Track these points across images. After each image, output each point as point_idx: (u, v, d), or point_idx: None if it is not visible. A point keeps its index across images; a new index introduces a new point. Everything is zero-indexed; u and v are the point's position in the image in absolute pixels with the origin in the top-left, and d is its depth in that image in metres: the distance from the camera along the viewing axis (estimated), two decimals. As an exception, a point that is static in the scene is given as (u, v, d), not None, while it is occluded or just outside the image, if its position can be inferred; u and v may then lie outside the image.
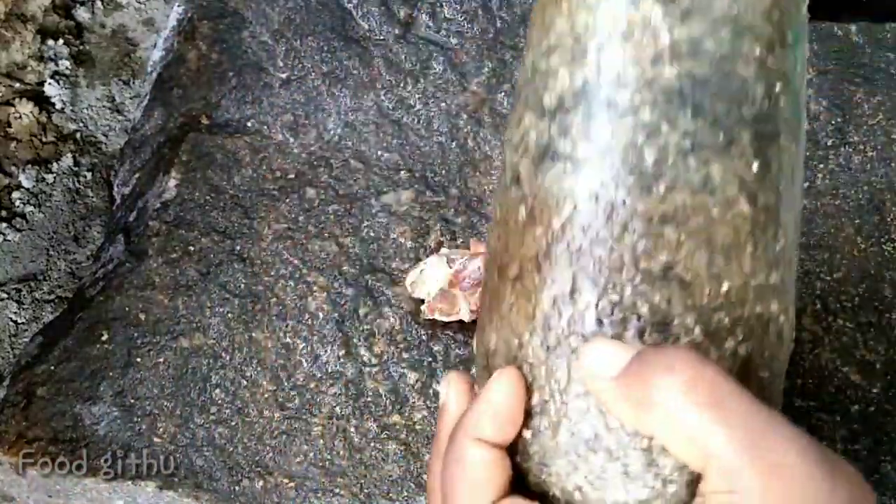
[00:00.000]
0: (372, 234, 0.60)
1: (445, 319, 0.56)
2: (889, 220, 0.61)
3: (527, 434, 0.31)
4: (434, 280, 0.56)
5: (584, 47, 0.31)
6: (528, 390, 0.31)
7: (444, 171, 0.64)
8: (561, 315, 0.30)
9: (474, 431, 0.29)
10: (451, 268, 0.56)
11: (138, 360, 0.54)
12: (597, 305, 0.30)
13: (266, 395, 0.54)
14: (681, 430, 0.26)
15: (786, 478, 0.25)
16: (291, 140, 0.64)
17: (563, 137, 0.31)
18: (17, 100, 0.78)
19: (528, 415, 0.31)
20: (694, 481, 0.29)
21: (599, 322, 0.30)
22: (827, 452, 0.26)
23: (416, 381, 0.53)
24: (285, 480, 0.51)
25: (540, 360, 0.31)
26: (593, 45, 0.31)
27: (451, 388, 0.32)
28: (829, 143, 0.65)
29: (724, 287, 0.30)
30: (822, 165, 0.64)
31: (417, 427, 0.52)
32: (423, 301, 0.56)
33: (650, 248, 0.30)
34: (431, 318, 0.55)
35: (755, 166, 0.31)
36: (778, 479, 0.25)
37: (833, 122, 0.66)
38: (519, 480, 0.31)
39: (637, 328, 0.29)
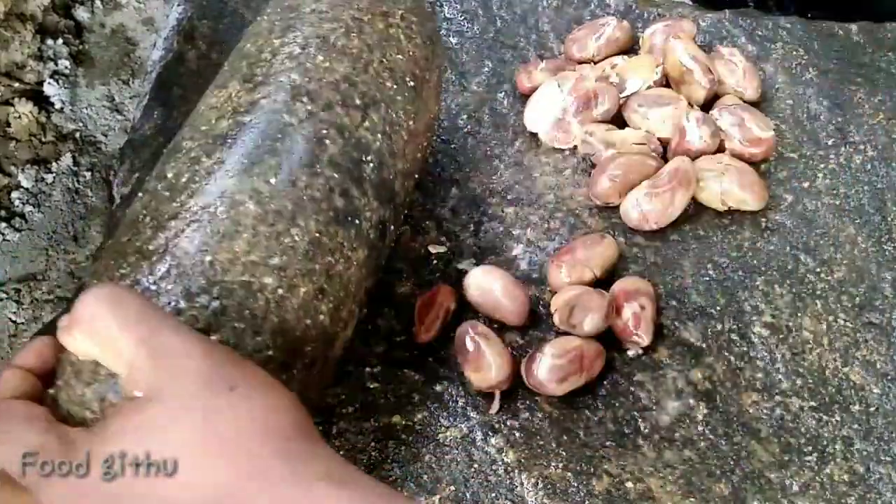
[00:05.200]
0: (372, 234, 0.60)
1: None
2: (890, 219, 0.61)
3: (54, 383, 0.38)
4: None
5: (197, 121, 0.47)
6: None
7: (444, 171, 0.63)
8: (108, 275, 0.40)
9: (14, 361, 0.38)
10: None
11: (138, 360, 0.54)
12: (130, 273, 0.39)
13: (266, 396, 0.53)
14: (96, 341, 0.33)
15: (167, 356, 0.31)
16: (291, 140, 0.64)
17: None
18: (16, 99, 0.78)
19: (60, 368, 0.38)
20: None
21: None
22: (220, 347, 0.33)
23: (418, 380, 0.53)
24: (285, 481, 0.51)
25: None
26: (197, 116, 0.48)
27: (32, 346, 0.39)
28: (830, 142, 0.65)
29: (210, 259, 0.39)
30: (822, 165, 0.64)
31: (418, 427, 0.51)
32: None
33: (173, 234, 0.39)
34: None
35: (272, 180, 0.41)
36: (161, 357, 0.31)
37: (833, 122, 0.65)
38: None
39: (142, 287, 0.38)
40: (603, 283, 0.57)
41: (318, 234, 0.41)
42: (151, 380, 0.31)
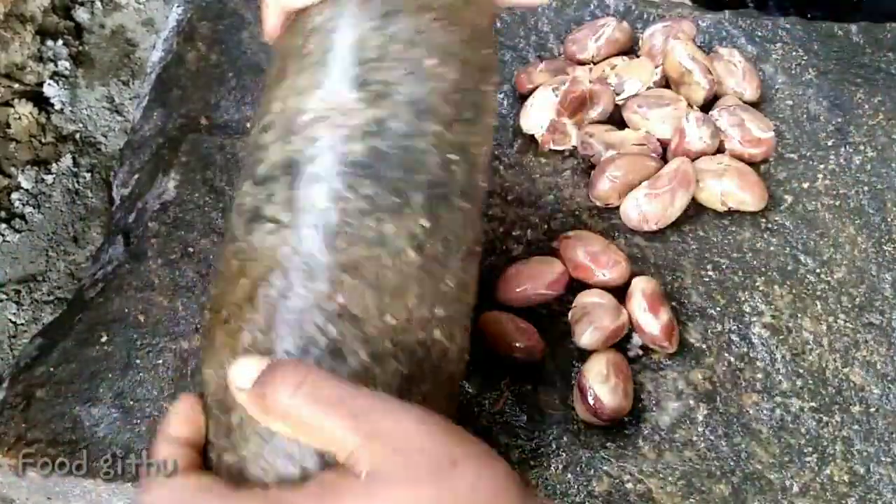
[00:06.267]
0: (372, 235, 0.60)
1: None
2: (889, 220, 0.61)
3: (227, 450, 0.36)
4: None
5: (292, 128, 0.38)
6: (228, 410, 0.36)
7: (443, 172, 0.63)
8: (257, 348, 0.36)
9: (165, 430, 0.37)
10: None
11: (138, 361, 0.54)
12: (285, 339, 0.35)
13: (266, 397, 0.53)
14: (297, 424, 0.32)
15: (383, 440, 0.31)
16: (291, 141, 0.63)
17: (269, 203, 0.37)
18: (16, 100, 0.78)
19: (229, 432, 0.36)
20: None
21: (286, 353, 0.35)
22: (431, 419, 0.32)
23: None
24: (285, 482, 0.51)
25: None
26: (299, 126, 0.38)
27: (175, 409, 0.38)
28: (830, 143, 0.65)
29: (389, 321, 0.36)
30: (822, 166, 0.64)
31: (417, 428, 0.51)
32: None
33: (331, 292, 0.35)
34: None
35: (425, 223, 0.37)
36: (378, 442, 0.31)
37: (833, 123, 0.65)
38: None
39: (316, 356, 0.35)
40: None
41: (462, 275, 0.39)
42: (373, 461, 0.30)
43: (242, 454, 0.35)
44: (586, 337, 0.53)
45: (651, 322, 0.54)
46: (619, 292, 0.56)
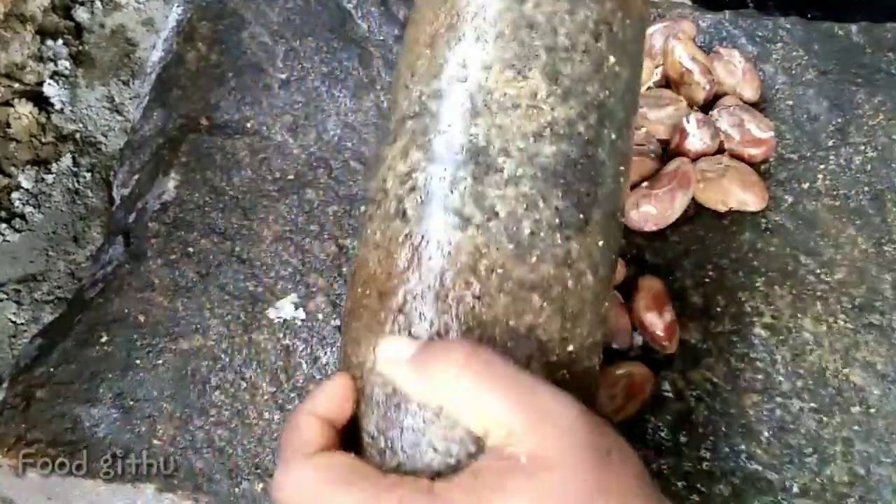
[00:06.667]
0: (372, 235, 0.60)
1: None
2: (890, 220, 0.61)
3: (375, 435, 0.34)
4: None
5: (476, 106, 0.34)
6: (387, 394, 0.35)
7: (443, 172, 0.63)
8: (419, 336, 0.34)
9: (310, 407, 0.35)
10: None
11: (138, 361, 0.54)
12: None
13: (266, 397, 0.54)
14: (460, 399, 0.31)
15: (550, 422, 0.30)
16: (291, 141, 0.64)
17: (452, 191, 0.34)
18: (16, 100, 0.78)
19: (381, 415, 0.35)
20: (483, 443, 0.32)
21: None
22: (589, 410, 0.31)
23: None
24: (285, 482, 0.51)
25: None
26: (483, 106, 0.34)
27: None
28: (830, 143, 0.65)
29: (570, 348, 0.34)
30: (822, 166, 0.64)
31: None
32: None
33: (519, 310, 0.33)
34: None
35: (601, 244, 0.35)
36: (543, 423, 0.30)
37: (834, 123, 0.65)
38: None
39: None
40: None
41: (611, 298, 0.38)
42: (535, 446, 0.30)
43: (391, 438, 0.34)
44: None
45: (655, 321, 0.54)
46: (619, 292, 0.56)
